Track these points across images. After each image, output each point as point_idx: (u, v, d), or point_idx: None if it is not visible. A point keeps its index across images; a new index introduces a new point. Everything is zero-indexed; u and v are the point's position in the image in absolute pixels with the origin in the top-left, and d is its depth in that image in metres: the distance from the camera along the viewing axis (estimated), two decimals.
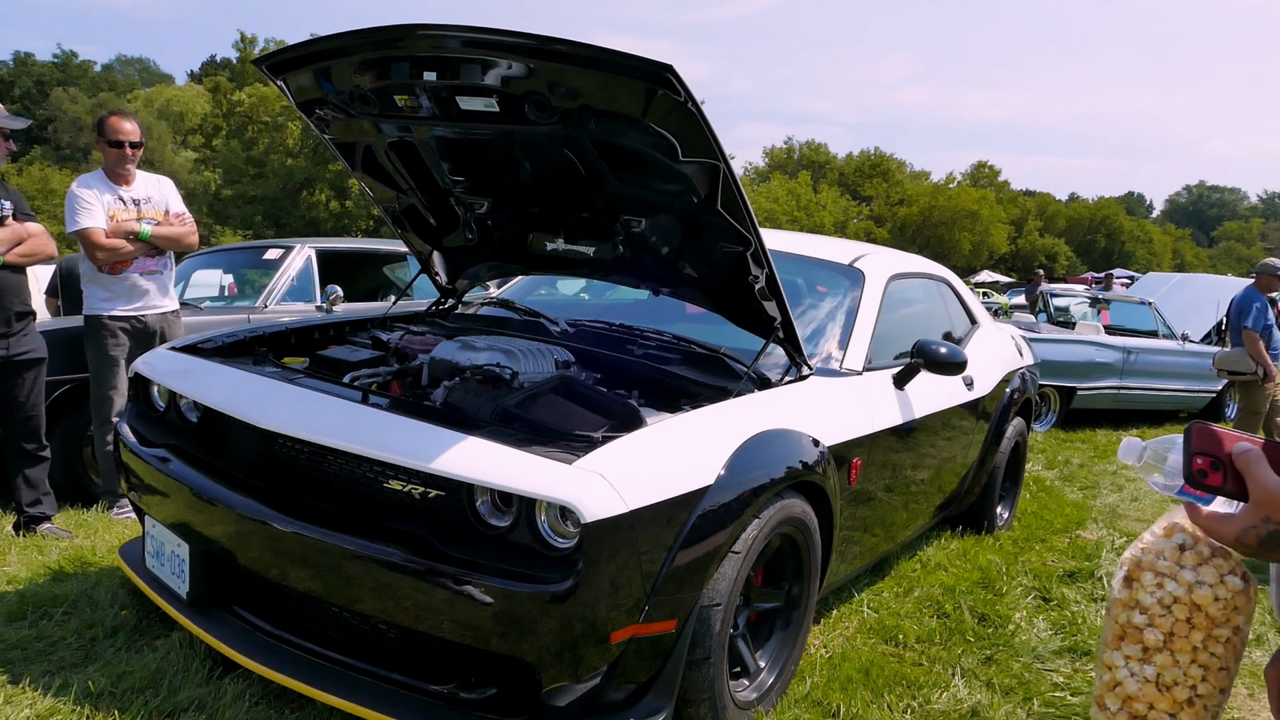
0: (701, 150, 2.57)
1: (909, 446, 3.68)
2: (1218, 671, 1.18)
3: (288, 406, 2.63)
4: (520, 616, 2.16)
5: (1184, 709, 1.19)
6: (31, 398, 3.91)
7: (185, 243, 4.46)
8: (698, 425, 2.57)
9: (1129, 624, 1.20)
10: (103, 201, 4.25)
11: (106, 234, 4.21)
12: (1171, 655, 1.18)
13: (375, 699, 2.37)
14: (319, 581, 2.42)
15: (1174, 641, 1.17)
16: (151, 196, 4.43)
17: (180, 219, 4.48)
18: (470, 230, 3.62)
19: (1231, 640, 1.18)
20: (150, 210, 4.39)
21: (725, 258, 2.98)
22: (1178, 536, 1.19)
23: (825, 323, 3.66)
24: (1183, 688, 1.18)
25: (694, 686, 2.49)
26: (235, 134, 40.47)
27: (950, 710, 2.94)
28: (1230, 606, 1.16)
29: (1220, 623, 1.16)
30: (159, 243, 4.35)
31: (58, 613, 2.99)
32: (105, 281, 4.28)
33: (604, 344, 3.32)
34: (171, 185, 4.63)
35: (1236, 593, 1.16)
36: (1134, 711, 1.21)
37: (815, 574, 2.96)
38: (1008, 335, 5.38)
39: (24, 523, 3.93)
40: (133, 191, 4.37)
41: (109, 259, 4.23)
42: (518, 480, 2.19)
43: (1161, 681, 1.18)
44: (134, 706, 2.43)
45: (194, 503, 2.64)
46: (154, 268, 4.38)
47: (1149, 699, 1.19)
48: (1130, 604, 1.20)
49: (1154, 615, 1.18)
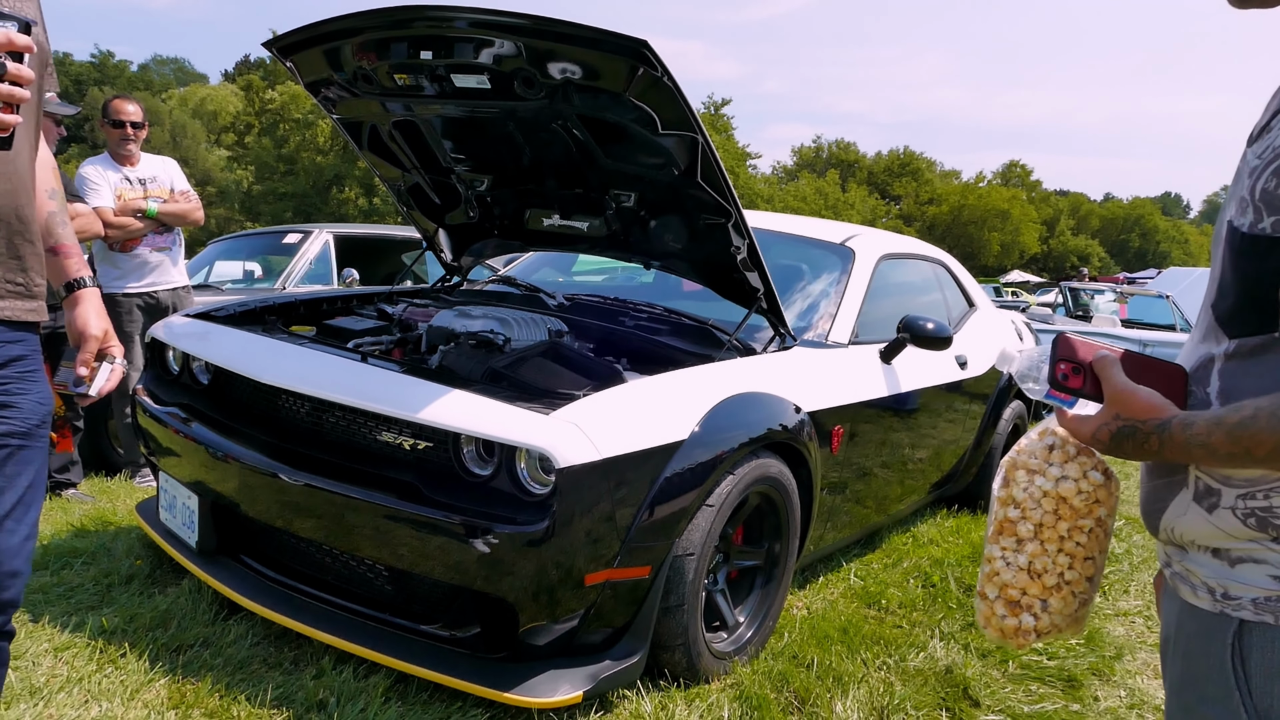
0: (679, 123, 2.71)
1: (897, 421, 3.79)
2: (1083, 560, 1.30)
3: (290, 365, 2.79)
4: (500, 557, 2.31)
5: (1053, 594, 1.30)
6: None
7: (191, 218, 4.64)
8: (674, 384, 2.71)
9: (1005, 519, 1.31)
10: (110, 181, 4.44)
11: (115, 212, 4.40)
12: (1041, 545, 1.29)
13: (367, 638, 2.53)
14: (320, 528, 2.57)
15: (1043, 532, 1.28)
16: (157, 175, 4.61)
17: (185, 196, 4.65)
18: (472, 208, 3.77)
19: (1095, 530, 1.29)
20: (156, 189, 4.57)
21: (708, 229, 3.11)
22: (1048, 438, 1.31)
23: (813, 297, 3.78)
24: (1051, 574, 1.29)
25: (668, 632, 2.62)
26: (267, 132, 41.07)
27: (925, 668, 3.05)
28: (1092, 499, 1.27)
29: (1083, 514, 1.27)
30: (166, 219, 4.53)
31: (77, 563, 3.18)
32: (116, 259, 4.46)
33: (597, 315, 3.46)
34: (175, 165, 4.81)
35: (1098, 486, 1.27)
36: (1009, 597, 1.32)
37: (794, 534, 3.08)
38: (1007, 319, 5.47)
39: (50, 487, 4.12)
40: (138, 171, 4.55)
41: (119, 237, 4.42)
42: (498, 429, 2.33)
43: (1033, 569, 1.30)
44: (143, 642, 2.60)
45: (204, 457, 2.80)
46: (163, 244, 4.56)
47: (1022, 585, 1.30)
48: (1007, 500, 1.32)
49: (1026, 509, 1.29)
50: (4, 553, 1.56)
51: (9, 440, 1.55)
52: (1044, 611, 1.31)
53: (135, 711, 2.27)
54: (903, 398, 3.76)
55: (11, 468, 1.56)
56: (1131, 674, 3.21)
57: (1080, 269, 18.30)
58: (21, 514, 1.58)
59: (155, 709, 2.29)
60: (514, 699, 2.35)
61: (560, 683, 2.42)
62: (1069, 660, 3.23)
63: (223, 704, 2.34)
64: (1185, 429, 1.07)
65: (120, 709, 2.27)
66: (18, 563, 1.59)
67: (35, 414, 1.60)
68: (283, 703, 2.38)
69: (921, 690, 2.89)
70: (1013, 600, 1.32)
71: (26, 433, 1.58)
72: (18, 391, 1.56)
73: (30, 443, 1.59)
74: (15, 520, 1.57)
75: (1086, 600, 1.33)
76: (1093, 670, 3.19)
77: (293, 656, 2.64)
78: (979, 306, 5.10)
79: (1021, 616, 1.31)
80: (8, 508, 1.55)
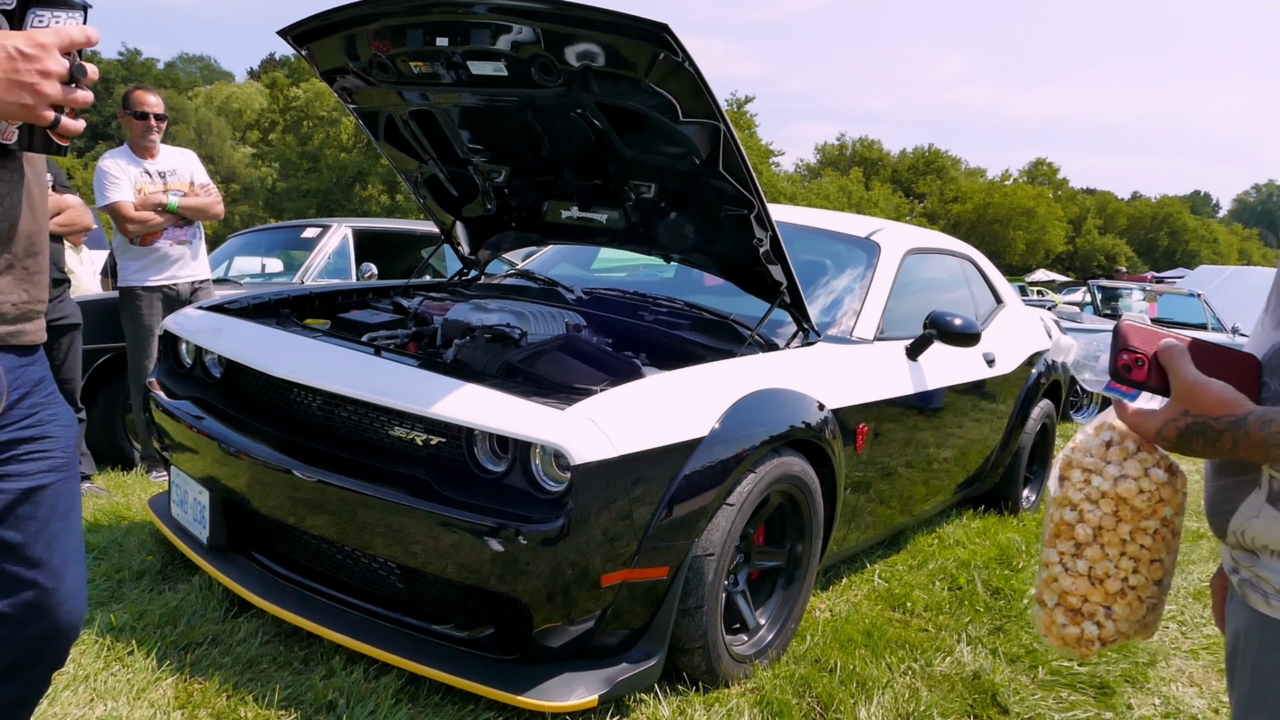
0: (701, 110, 2.63)
1: (923, 419, 3.70)
2: (1149, 563, 1.21)
3: (303, 359, 2.73)
4: (513, 556, 2.24)
5: (1117, 600, 1.22)
6: (68, 361, 4.08)
7: (211, 212, 4.60)
8: (694, 380, 2.63)
9: (1062, 521, 1.23)
10: (130, 175, 4.41)
11: (135, 206, 4.36)
12: (1101, 549, 1.20)
13: (379, 637, 2.47)
14: (332, 524, 2.51)
15: (1103, 535, 1.20)
16: (176, 169, 4.58)
17: (205, 189, 4.62)
18: (489, 200, 3.71)
19: (1160, 532, 1.20)
20: (176, 182, 4.54)
21: (730, 221, 3.04)
22: (1105, 434, 1.22)
23: (837, 291, 3.69)
24: (1114, 580, 1.21)
25: (687, 635, 2.54)
26: (291, 129, 41.21)
27: (951, 673, 2.96)
28: (1155, 499, 1.18)
29: (1146, 515, 1.19)
30: (186, 213, 4.50)
31: (89, 558, 3.14)
32: (136, 253, 4.43)
33: (616, 310, 3.39)
34: (195, 158, 4.78)
35: (1161, 485, 1.18)
36: (1069, 605, 1.24)
37: (817, 534, 3.00)
38: (1036, 317, 5.35)
39: None
40: (158, 164, 4.52)
41: (139, 231, 4.39)
42: (512, 425, 2.27)
43: (1094, 575, 1.21)
44: (151, 639, 2.55)
45: (215, 452, 2.75)
46: (183, 237, 4.53)
47: (1082, 592, 1.22)
48: (1063, 502, 1.23)
49: (1083, 510, 1.21)
50: (74, 597, 1.51)
51: (55, 475, 1.47)
52: (1108, 619, 1.23)
53: (141, 711, 2.22)
54: (928, 395, 3.67)
55: (64, 504, 1.49)
56: (1166, 681, 3.10)
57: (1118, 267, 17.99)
58: (78, 549, 1.53)
59: (161, 709, 2.24)
60: (527, 702, 2.28)
61: (575, 686, 2.35)
62: (1101, 666, 3.13)
63: (230, 704, 2.29)
64: (1264, 426, 0.99)
65: (126, 708, 2.22)
66: (83, 604, 1.54)
67: (69, 439, 1.52)
68: (291, 703, 2.32)
69: (948, 696, 2.80)
70: (1073, 608, 1.24)
71: (66, 463, 1.50)
72: (49, 419, 1.48)
73: (71, 472, 1.52)
74: (77, 560, 1.52)
75: (1155, 605, 1.25)
76: (1125, 677, 3.09)
77: (303, 656, 2.59)
78: (1007, 303, 4.99)
79: (1084, 625, 1.23)
80: (71, 549, 1.50)
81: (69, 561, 1.50)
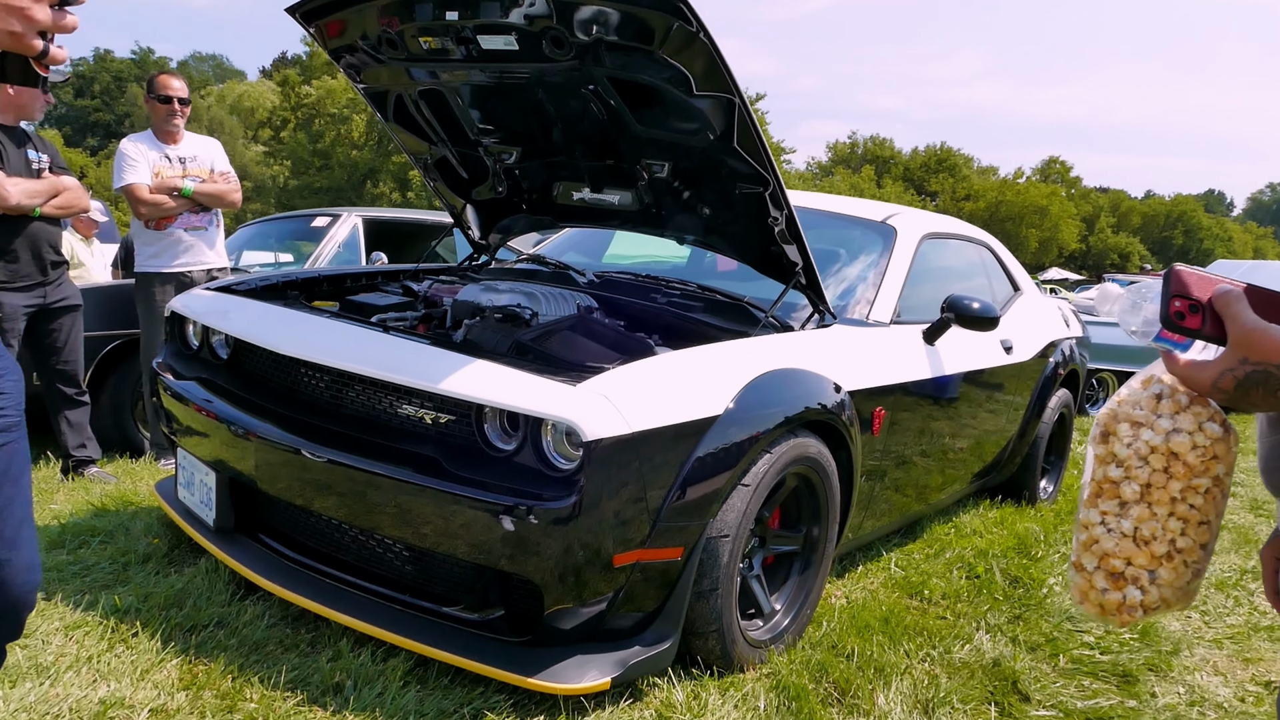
0: (715, 83, 2.57)
1: (940, 405, 3.63)
2: (1198, 525, 1.14)
3: (309, 336, 2.69)
4: (524, 535, 2.19)
5: (1163, 564, 1.15)
6: (70, 343, 4.05)
7: (228, 200, 4.57)
8: (709, 358, 2.58)
9: (1105, 479, 1.16)
10: (149, 158, 4.38)
11: (150, 190, 4.33)
12: (1149, 508, 1.14)
13: (387, 619, 2.42)
14: (340, 505, 2.47)
15: (1151, 493, 1.13)
16: (197, 155, 4.54)
17: (225, 177, 4.59)
18: (500, 182, 3.66)
19: (1211, 491, 1.14)
20: (195, 168, 4.51)
21: (744, 200, 2.98)
22: (1154, 386, 1.15)
23: (853, 274, 3.63)
24: (1161, 542, 1.14)
25: (701, 618, 2.49)
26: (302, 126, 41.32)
27: (971, 661, 2.90)
28: (1209, 455, 1.12)
29: (1199, 472, 1.12)
30: (202, 199, 4.47)
31: (95, 541, 3.10)
32: (150, 237, 4.41)
33: (629, 293, 3.34)
34: (218, 145, 4.75)
35: (1215, 440, 1.12)
36: (1111, 569, 1.16)
37: (833, 518, 2.94)
38: (1054, 305, 5.28)
39: (72, 466, 4.07)
40: (179, 150, 4.49)
41: (152, 214, 4.36)
42: (522, 400, 2.22)
43: (1139, 536, 1.14)
44: (156, 621, 2.51)
45: (222, 432, 2.71)
46: (198, 224, 4.49)
47: (1126, 554, 1.15)
48: (1106, 458, 1.16)
49: (1130, 467, 1.14)
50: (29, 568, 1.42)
51: (6, 436, 1.37)
52: (1151, 584, 1.15)
53: (144, 692, 2.18)
54: (946, 380, 3.60)
55: (15, 467, 1.38)
56: (1190, 670, 3.03)
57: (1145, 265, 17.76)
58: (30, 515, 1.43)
59: (166, 689, 2.20)
60: (539, 684, 2.23)
61: (587, 668, 2.30)
62: (1123, 655, 3.07)
63: (235, 686, 2.24)
64: None
65: (129, 689, 2.18)
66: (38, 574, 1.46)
67: (20, 395, 1.42)
68: (298, 685, 2.28)
69: (968, 683, 2.74)
70: (1115, 572, 1.16)
71: (18, 422, 1.40)
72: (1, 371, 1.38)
73: (22, 432, 1.41)
74: (29, 525, 1.43)
75: (1200, 570, 1.17)
76: (1149, 666, 3.03)
77: (310, 639, 2.54)
78: (1025, 291, 4.92)
79: (1126, 590, 1.16)
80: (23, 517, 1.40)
81: (22, 529, 1.40)
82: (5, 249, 3.81)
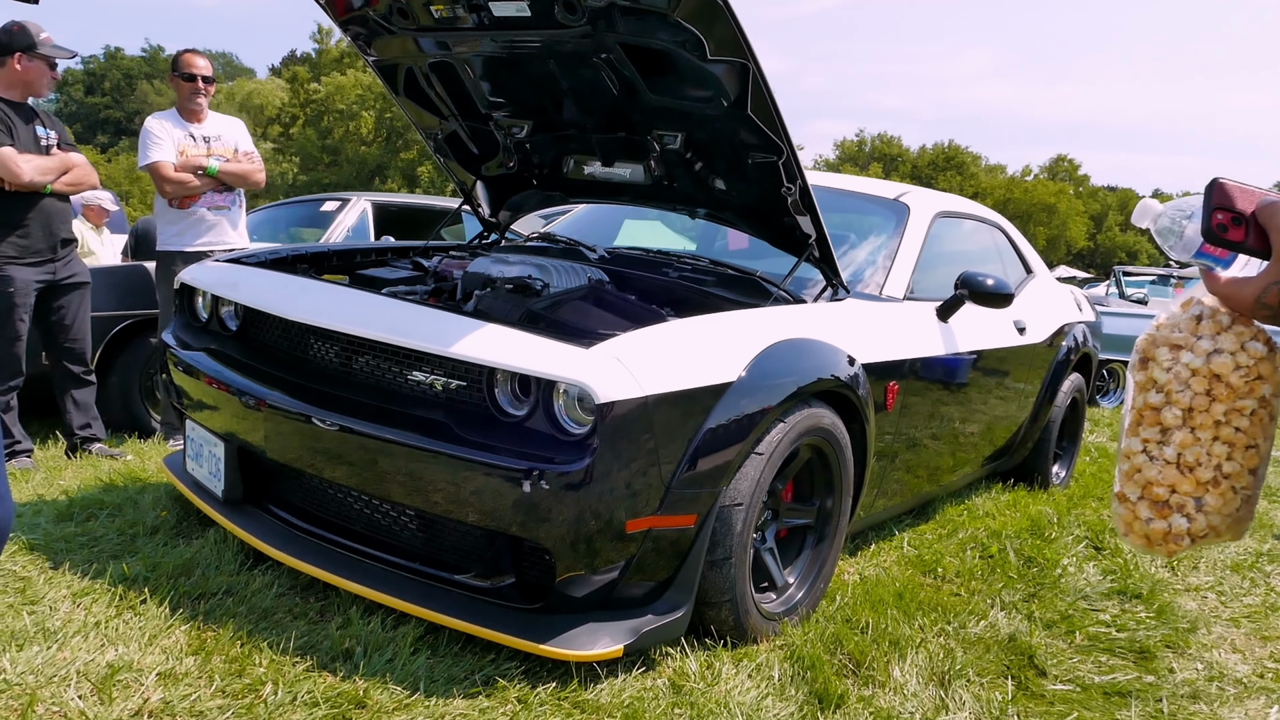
0: (730, 47, 2.54)
1: (952, 383, 3.60)
2: (1244, 449, 1.11)
3: (320, 302, 2.67)
4: (536, 500, 2.16)
5: (1209, 490, 1.11)
6: (78, 321, 4.04)
7: (252, 180, 4.56)
8: (722, 325, 2.55)
9: (1145, 406, 1.13)
10: (174, 137, 4.38)
11: (175, 168, 4.33)
12: (1192, 433, 1.10)
13: (397, 587, 2.40)
14: (351, 473, 2.44)
15: (1194, 417, 1.10)
16: (222, 134, 4.54)
17: (249, 157, 4.58)
18: (510, 157, 3.63)
19: (1258, 413, 1.10)
20: (220, 147, 4.50)
21: (758, 170, 2.95)
22: (1194, 308, 1.12)
23: (866, 251, 3.61)
24: (1206, 468, 1.10)
25: (714, 588, 2.46)
26: (311, 123, 41.37)
27: (986, 636, 2.86)
28: (1253, 375, 1.08)
29: (1243, 393, 1.09)
30: (226, 179, 4.46)
31: (103, 514, 3.08)
32: (173, 216, 4.40)
33: (640, 268, 3.31)
34: (243, 126, 4.74)
35: (1259, 359, 1.08)
36: (1155, 497, 1.13)
37: (847, 491, 2.91)
38: (1066, 290, 5.23)
39: (78, 444, 4.05)
40: (204, 129, 4.49)
41: (176, 192, 4.35)
42: (534, 363, 2.19)
43: (1183, 462, 1.11)
44: (164, 589, 2.49)
45: (231, 402, 2.69)
46: (222, 204, 4.48)
47: (1170, 482, 1.12)
48: (1146, 385, 1.13)
49: (1171, 392, 1.11)
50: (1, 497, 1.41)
51: None
52: (1198, 511, 1.11)
53: (153, 657, 2.16)
54: (959, 357, 3.57)
55: None
56: (1207, 647, 3.00)
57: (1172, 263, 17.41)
58: None
59: (174, 654, 2.18)
60: (551, 651, 2.20)
61: (600, 636, 2.27)
62: (1140, 632, 3.03)
63: (244, 651, 2.22)
64: None
65: (137, 653, 2.16)
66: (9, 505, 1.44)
67: None
68: (307, 651, 2.25)
69: (984, 657, 2.71)
70: (1160, 500, 1.13)
71: None
72: None
73: None
74: None
75: (1250, 497, 1.14)
76: (1166, 643, 2.99)
77: (319, 607, 2.52)
78: (1037, 274, 4.88)
79: (1171, 519, 1.12)
80: None
81: None
82: (17, 224, 3.81)
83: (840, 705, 2.32)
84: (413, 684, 2.15)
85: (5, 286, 3.79)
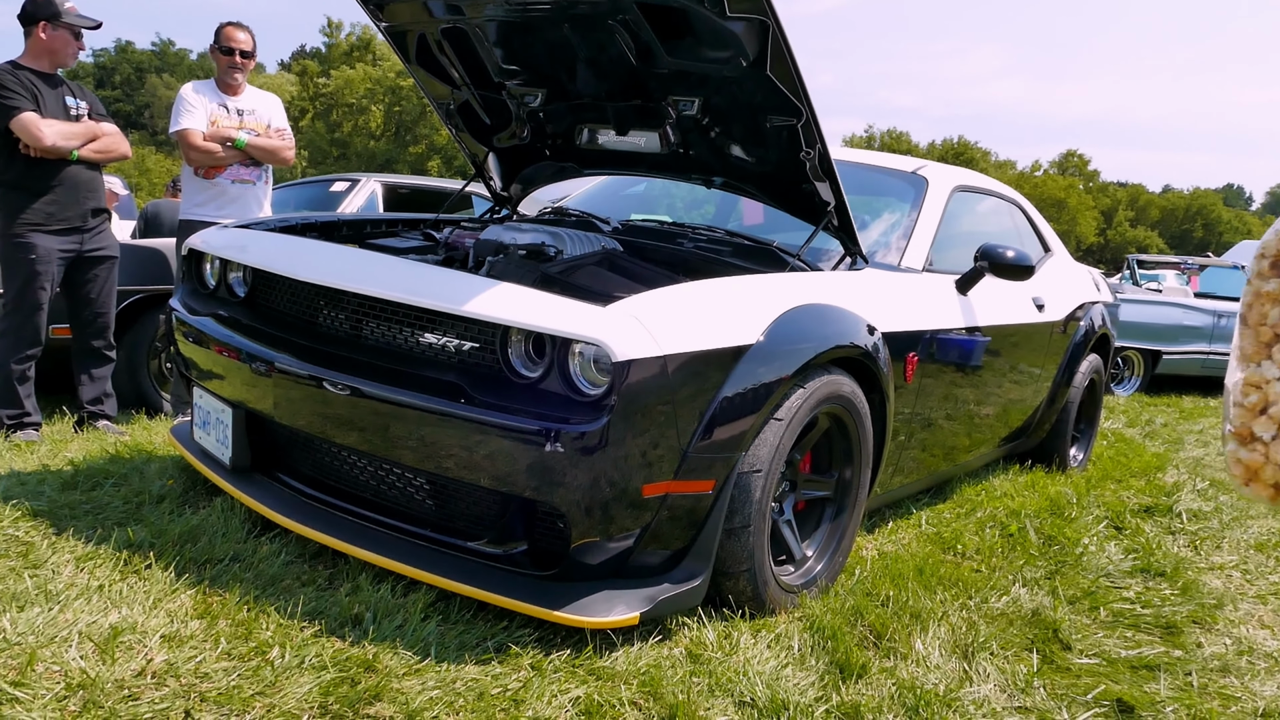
0: (749, 2, 2.48)
1: (971, 357, 3.53)
2: None
3: (330, 263, 2.61)
4: (551, 462, 2.10)
5: None
6: (103, 294, 3.99)
7: (280, 156, 4.51)
8: (740, 288, 2.49)
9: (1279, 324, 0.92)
10: (206, 107, 4.35)
11: (205, 137, 4.29)
12: None
13: (407, 554, 2.34)
14: (362, 437, 2.39)
15: None
16: (256, 109, 4.50)
17: (280, 134, 4.54)
18: (523, 127, 3.57)
19: None
20: (253, 121, 4.46)
21: (776, 135, 2.88)
22: None
23: (885, 223, 3.55)
24: None
25: (732, 557, 2.40)
26: (321, 116, 41.34)
27: (1009, 611, 2.80)
28: None
29: None
30: (254, 153, 4.41)
31: (108, 483, 3.03)
32: (199, 185, 4.37)
33: (654, 238, 3.25)
34: (278, 102, 4.71)
35: None
36: None
37: (866, 462, 2.85)
38: (1084, 270, 5.16)
39: (85, 418, 4.00)
40: (239, 102, 4.45)
41: (202, 161, 4.32)
42: (550, 321, 2.13)
43: None
44: (170, 555, 2.44)
45: (239, 367, 2.64)
46: (247, 177, 4.44)
47: None
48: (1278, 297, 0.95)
49: None
50: None
51: None
52: None
53: (157, 619, 2.10)
54: (978, 331, 3.50)
55: None
56: (1235, 624, 2.93)
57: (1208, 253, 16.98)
58: None
59: (179, 618, 2.12)
60: (566, 618, 2.15)
61: (615, 603, 2.21)
62: (1165, 609, 2.97)
63: (251, 616, 2.17)
64: None
65: (141, 616, 2.11)
66: None
67: None
68: (315, 616, 2.20)
69: (1007, 631, 2.65)
70: None
71: None
72: None
73: None
74: None
75: None
76: (1193, 619, 2.93)
77: (328, 574, 2.47)
78: (1055, 252, 4.81)
79: None
80: None
81: None
82: (43, 191, 3.76)
83: (862, 675, 2.26)
84: (423, 650, 2.09)
85: (28, 253, 3.74)
